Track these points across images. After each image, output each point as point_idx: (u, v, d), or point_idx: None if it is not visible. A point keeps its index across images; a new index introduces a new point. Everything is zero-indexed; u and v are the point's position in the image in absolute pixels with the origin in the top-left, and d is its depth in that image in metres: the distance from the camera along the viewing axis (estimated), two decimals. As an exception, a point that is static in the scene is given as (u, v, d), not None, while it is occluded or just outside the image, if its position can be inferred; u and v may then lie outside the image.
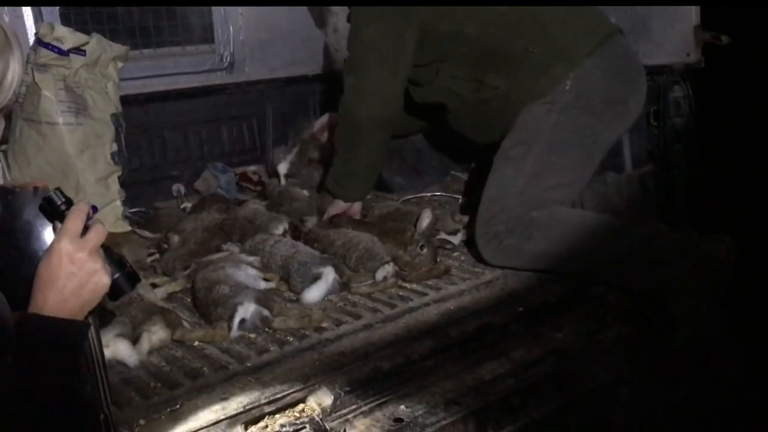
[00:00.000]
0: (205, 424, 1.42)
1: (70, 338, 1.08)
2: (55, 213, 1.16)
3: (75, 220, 1.12)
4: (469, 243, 2.31)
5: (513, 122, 2.19)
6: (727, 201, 2.20)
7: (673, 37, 2.18)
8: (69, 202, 1.17)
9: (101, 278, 1.12)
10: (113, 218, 2.63)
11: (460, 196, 2.71)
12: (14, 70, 1.05)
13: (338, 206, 2.50)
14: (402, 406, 1.54)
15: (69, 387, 1.07)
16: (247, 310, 1.79)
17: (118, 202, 2.72)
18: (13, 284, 1.11)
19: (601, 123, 2.15)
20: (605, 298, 1.94)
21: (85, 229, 1.14)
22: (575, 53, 2.12)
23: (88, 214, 1.17)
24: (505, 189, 2.13)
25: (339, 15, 3.54)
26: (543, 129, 2.12)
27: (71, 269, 1.08)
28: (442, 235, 2.29)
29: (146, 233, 2.60)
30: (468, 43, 2.23)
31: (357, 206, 2.53)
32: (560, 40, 2.14)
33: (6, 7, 2.77)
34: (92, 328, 1.16)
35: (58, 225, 1.15)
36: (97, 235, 1.13)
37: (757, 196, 2.13)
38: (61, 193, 1.17)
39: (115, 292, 1.18)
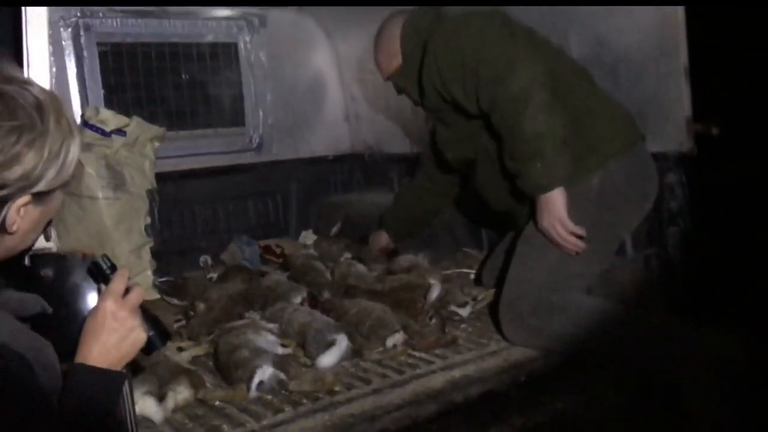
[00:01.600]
0: (222, 475, 1.54)
1: (110, 385, 1.23)
2: (101, 276, 1.33)
3: (119, 282, 1.29)
4: (477, 315, 2.43)
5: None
6: (725, 281, 2.30)
7: (667, 128, 2.32)
8: (113, 267, 1.34)
9: (139, 334, 1.28)
10: (144, 286, 2.78)
11: (471, 271, 2.83)
12: (74, 152, 1.24)
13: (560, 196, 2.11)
14: (407, 466, 1.65)
15: (107, 427, 1.21)
16: (265, 372, 1.90)
17: (149, 272, 2.89)
18: (63, 339, 1.27)
19: (619, 221, 2.25)
20: (604, 370, 2.04)
21: (126, 290, 1.30)
22: (604, 153, 2.18)
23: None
24: (529, 274, 2.19)
25: (352, 86, 3.78)
26: None
27: (114, 325, 1.24)
28: (451, 307, 2.40)
29: (174, 301, 2.74)
30: None
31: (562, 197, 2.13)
32: (593, 136, 2.19)
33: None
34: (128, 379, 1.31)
35: (103, 287, 1.32)
36: (136, 296, 1.29)
37: (754, 276, 2.24)
38: (108, 258, 1.34)
39: (149, 347, 1.33)
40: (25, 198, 1.17)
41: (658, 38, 2.31)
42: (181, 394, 1.85)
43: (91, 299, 1.35)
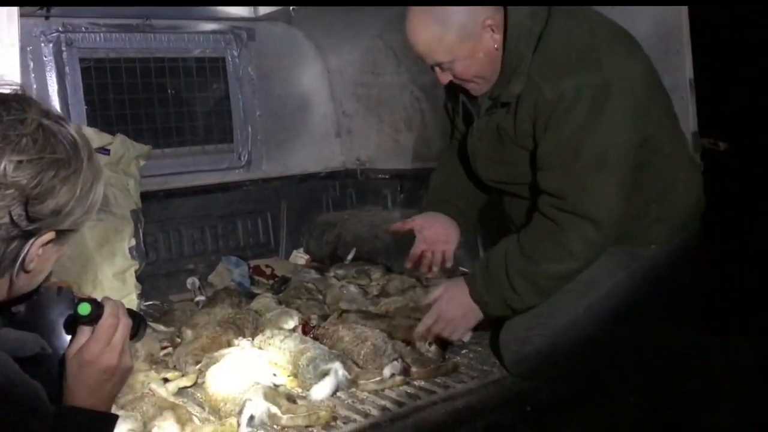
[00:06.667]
0: None
1: (102, 428, 1.19)
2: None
3: (106, 332, 1.21)
4: (477, 340, 2.32)
5: None
6: (735, 296, 2.22)
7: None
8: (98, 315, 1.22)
9: (126, 362, 1.22)
10: (128, 311, 2.68)
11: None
12: (100, 193, 1.20)
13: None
14: (408, 506, 1.54)
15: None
16: (256, 406, 1.80)
17: (134, 296, 2.78)
18: (37, 379, 1.16)
19: None
20: (613, 399, 1.95)
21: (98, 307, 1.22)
22: (672, 226, 2.09)
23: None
24: (561, 318, 2.00)
25: (344, 100, 3.69)
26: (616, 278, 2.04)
27: (103, 371, 1.19)
28: (451, 332, 2.30)
29: (160, 327, 2.62)
30: None
31: None
32: (670, 207, 2.08)
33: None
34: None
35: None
36: (123, 333, 1.22)
37: (765, 291, 2.16)
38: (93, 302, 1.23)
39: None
40: (50, 235, 1.13)
41: (661, 51, 2.22)
42: (166, 431, 1.74)
43: (68, 337, 1.25)
